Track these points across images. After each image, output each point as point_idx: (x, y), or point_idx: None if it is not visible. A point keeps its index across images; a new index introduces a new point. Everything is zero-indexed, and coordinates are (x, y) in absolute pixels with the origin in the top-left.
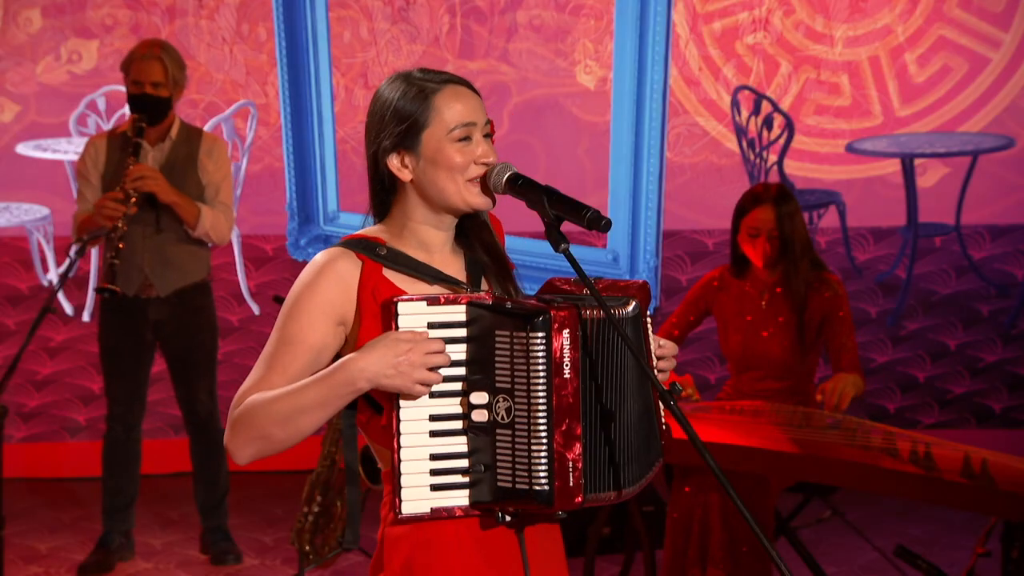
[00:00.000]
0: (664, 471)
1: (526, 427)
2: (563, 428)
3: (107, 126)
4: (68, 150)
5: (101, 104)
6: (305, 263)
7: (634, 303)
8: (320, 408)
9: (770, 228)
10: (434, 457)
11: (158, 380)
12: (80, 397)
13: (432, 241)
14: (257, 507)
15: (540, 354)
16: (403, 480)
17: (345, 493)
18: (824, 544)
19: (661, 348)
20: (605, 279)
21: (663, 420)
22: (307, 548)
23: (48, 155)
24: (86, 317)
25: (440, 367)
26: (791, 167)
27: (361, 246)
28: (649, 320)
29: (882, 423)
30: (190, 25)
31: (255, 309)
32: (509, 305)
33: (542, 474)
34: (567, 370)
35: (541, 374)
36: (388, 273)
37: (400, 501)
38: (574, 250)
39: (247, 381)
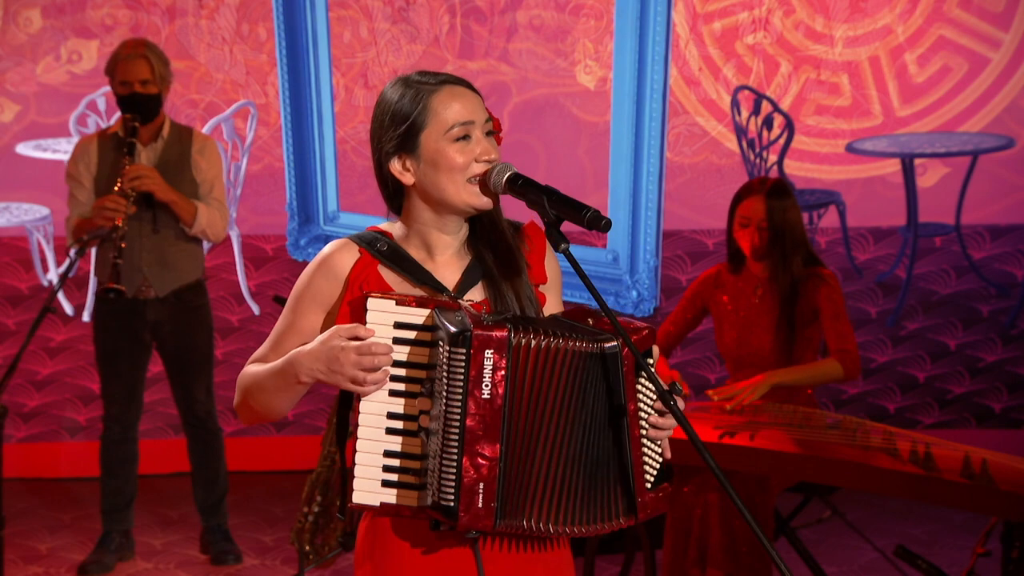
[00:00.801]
0: None
1: (440, 441)
2: (475, 448)
3: (107, 126)
4: (68, 150)
5: (101, 104)
6: (305, 263)
7: (615, 342)
8: (277, 392)
9: (760, 218)
10: (387, 454)
11: (157, 380)
12: (80, 397)
13: (435, 243)
14: (257, 507)
15: (459, 371)
16: (356, 470)
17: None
18: (824, 544)
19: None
20: (619, 317)
21: (647, 480)
22: (307, 548)
23: (48, 155)
24: (86, 317)
25: (379, 368)
26: (791, 167)
27: (367, 240)
28: (651, 366)
29: (882, 423)
30: (190, 25)
31: (255, 309)
32: (458, 317)
33: (448, 490)
34: (486, 391)
35: (457, 391)
36: (382, 269)
37: (352, 490)
38: (574, 250)
39: (255, 352)
